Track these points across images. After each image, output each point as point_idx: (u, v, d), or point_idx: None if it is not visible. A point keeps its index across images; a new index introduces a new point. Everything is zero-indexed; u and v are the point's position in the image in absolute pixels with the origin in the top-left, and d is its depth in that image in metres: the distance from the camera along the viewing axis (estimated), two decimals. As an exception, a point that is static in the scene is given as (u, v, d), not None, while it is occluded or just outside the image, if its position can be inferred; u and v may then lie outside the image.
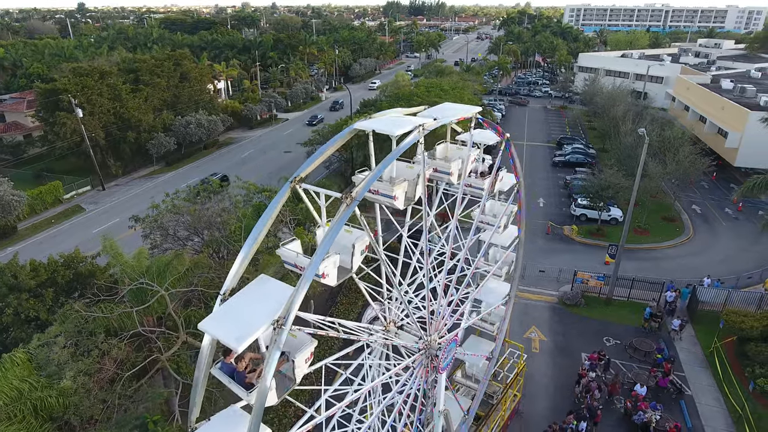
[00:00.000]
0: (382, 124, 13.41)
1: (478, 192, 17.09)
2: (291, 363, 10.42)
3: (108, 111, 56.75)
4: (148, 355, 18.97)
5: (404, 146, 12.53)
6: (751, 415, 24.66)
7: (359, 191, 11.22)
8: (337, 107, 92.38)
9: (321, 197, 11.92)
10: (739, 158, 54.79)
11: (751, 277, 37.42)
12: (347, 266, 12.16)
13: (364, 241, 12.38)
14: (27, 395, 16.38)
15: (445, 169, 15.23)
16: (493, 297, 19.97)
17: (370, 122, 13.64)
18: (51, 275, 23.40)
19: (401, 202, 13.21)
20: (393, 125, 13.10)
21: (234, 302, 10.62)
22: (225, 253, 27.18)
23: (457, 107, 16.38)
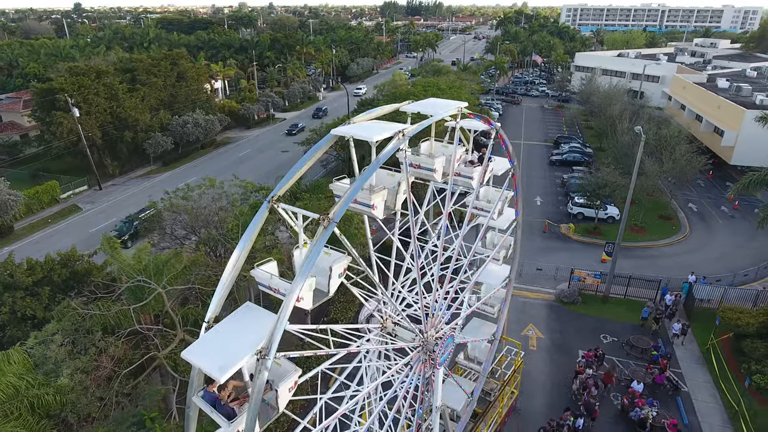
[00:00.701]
0: (361, 129, 13.04)
1: (467, 182, 16.64)
2: (274, 392, 10.37)
3: (105, 110, 56.62)
4: (146, 353, 18.96)
5: (385, 156, 12.09)
6: (746, 411, 24.76)
7: (336, 211, 10.78)
8: (320, 114, 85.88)
9: (298, 218, 11.49)
10: (735, 156, 55.02)
11: (747, 274, 37.57)
12: (324, 289, 11.79)
13: (342, 264, 12.00)
14: (24, 393, 16.37)
15: (429, 166, 14.79)
16: (493, 279, 19.89)
17: (348, 128, 13.27)
18: (47, 273, 23.34)
19: (380, 211, 12.89)
20: (372, 131, 12.68)
21: (218, 331, 10.62)
22: (222, 251, 27.15)
23: (443, 102, 16.02)
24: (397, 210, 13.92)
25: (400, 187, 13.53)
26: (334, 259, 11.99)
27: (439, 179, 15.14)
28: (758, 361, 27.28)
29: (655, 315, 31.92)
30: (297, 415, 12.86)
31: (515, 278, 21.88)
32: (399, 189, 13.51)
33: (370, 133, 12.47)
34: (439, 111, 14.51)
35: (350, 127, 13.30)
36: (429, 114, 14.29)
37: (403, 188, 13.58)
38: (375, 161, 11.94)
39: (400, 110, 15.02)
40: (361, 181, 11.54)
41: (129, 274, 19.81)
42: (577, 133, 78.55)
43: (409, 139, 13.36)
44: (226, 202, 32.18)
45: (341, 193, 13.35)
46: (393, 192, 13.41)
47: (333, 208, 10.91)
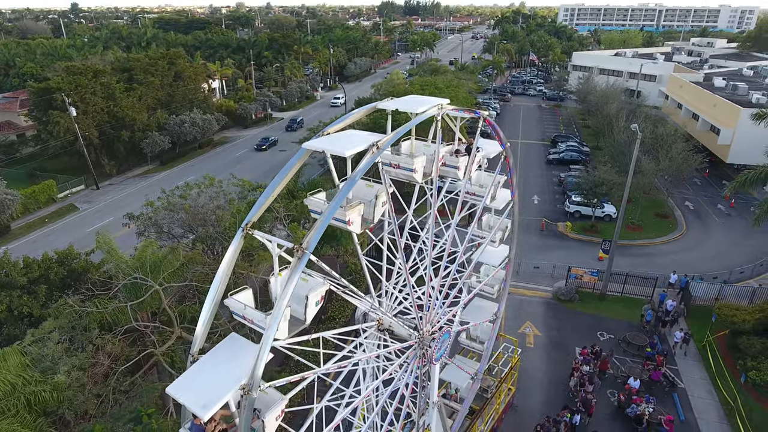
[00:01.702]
0: (333, 143, 12.51)
1: (453, 172, 16.05)
2: (261, 422, 10.41)
3: (102, 110, 56.56)
4: (143, 350, 18.97)
5: (360, 172, 11.72)
6: (742, 407, 24.89)
7: (310, 240, 10.51)
8: (295, 126, 78.47)
9: (273, 245, 11.09)
10: (731, 155, 55.21)
11: (743, 272, 37.71)
12: (300, 317, 11.52)
13: (319, 292, 11.74)
14: (21, 390, 16.38)
15: (408, 166, 14.16)
16: (492, 259, 19.78)
17: (321, 142, 12.72)
18: (44, 272, 23.33)
19: (357, 226, 12.51)
20: (344, 145, 12.15)
21: (202, 364, 10.67)
22: (219, 249, 27.16)
23: (423, 99, 15.44)
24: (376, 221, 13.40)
25: (378, 199, 13.02)
26: (311, 287, 11.69)
27: (420, 180, 14.58)
28: (754, 358, 27.41)
29: (657, 317, 31.58)
30: (293, 422, 12.81)
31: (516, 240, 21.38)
32: (377, 201, 13.01)
33: (342, 147, 11.99)
34: (418, 108, 13.91)
35: (323, 141, 12.78)
36: (408, 111, 13.86)
37: (381, 200, 13.13)
38: (349, 180, 11.52)
39: (380, 108, 14.62)
40: (335, 204, 11.21)
41: (126, 271, 19.81)
42: (574, 132, 78.71)
43: None
44: (224, 200, 32.21)
45: (316, 208, 12.93)
46: (371, 204, 12.90)
47: (306, 236, 10.70)
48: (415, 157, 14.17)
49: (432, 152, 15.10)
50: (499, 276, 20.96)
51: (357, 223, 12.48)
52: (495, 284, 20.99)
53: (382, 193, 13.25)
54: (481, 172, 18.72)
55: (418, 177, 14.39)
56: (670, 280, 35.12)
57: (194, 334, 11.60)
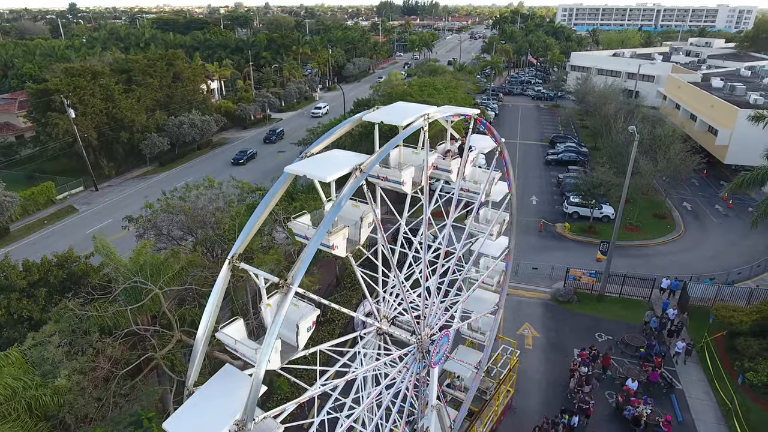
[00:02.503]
0: (316, 167, 12.16)
1: (444, 175, 15.69)
2: None
3: (100, 111, 56.56)
4: (143, 354, 19.03)
5: (345, 197, 11.52)
6: (739, 408, 25.03)
7: (295, 275, 10.46)
8: (274, 138, 73.65)
9: (260, 279, 11.15)
10: (728, 155, 55.35)
11: (740, 272, 37.85)
12: (292, 344, 11.57)
13: (311, 318, 11.66)
14: (21, 394, 16.42)
15: (396, 179, 13.77)
16: (492, 250, 19.77)
17: (303, 165, 12.36)
18: (44, 275, 23.37)
19: (342, 249, 12.30)
20: (326, 168, 11.85)
21: (197, 399, 10.77)
22: (219, 252, 27.22)
23: (409, 107, 14.96)
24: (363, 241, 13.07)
25: (363, 221, 12.78)
26: (302, 315, 11.64)
27: (409, 191, 14.26)
28: (751, 359, 27.56)
29: (662, 324, 31.19)
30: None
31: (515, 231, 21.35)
32: (363, 222, 12.77)
33: (324, 172, 11.69)
34: (404, 119, 13.47)
35: (305, 165, 12.44)
36: (394, 123, 13.50)
37: (368, 221, 12.91)
38: (334, 206, 11.37)
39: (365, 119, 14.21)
40: (319, 235, 11.05)
41: (126, 275, 19.87)
42: (572, 132, 78.85)
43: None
44: (223, 203, 32.24)
45: (299, 231, 12.72)
46: (356, 226, 12.67)
47: (292, 271, 10.61)
48: (403, 169, 13.81)
49: (422, 160, 14.77)
50: (499, 268, 20.95)
51: (342, 247, 12.30)
52: (495, 276, 20.97)
53: (369, 214, 12.98)
54: (476, 168, 18.54)
55: (407, 189, 14.08)
56: (662, 285, 34.88)
57: (188, 368, 11.72)
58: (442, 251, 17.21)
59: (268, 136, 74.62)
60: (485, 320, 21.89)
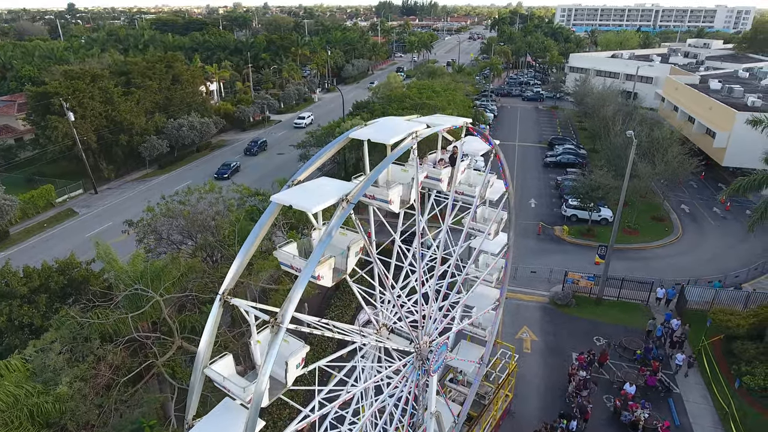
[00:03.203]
0: (301, 196, 12.01)
1: (435, 184, 15.48)
2: None
3: (100, 114, 56.61)
4: (144, 361, 19.14)
5: (333, 227, 11.32)
6: (736, 412, 25.21)
7: (284, 314, 10.43)
8: (255, 150, 68.64)
9: (250, 316, 11.11)
10: (726, 158, 55.56)
11: (738, 276, 38.02)
12: (281, 380, 11.48)
13: (300, 355, 11.61)
14: (23, 401, 16.52)
15: (383, 197, 13.44)
16: (491, 247, 19.80)
17: (289, 195, 12.17)
18: (45, 281, 23.45)
19: (328, 280, 12.20)
20: (312, 199, 11.69)
21: None
22: (218, 257, 27.33)
23: (397, 125, 14.49)
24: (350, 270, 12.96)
25: (351, 249, 12.63)
26: (291, 351, 11.54)
27: (396, 210, 13.95)
28: (748, 363, 27.74)
29: (666, 332, 31.06)
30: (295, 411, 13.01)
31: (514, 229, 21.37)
32: (350, 252, 12.61)
33: (310, 203, 11.52)
34: (392, 137, 13.21)
35: (291, 194, 12.20)
36: (381, 141, 13.21)
37: (355, 250, 12.76)
38: (321, 242, 11.18)
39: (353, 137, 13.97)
40: (307, 272, 10.89)
41: (126, 282, 19.98)
42: (571, 134, 79.02)
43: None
44: (223, 206, 32.35)
45: (285, 261, 12.51)
46: (343, 255, 12.53)
47: (281, 309, 10.56)
48: (390, 188, 13.48)
49: (411, 176, 14.44)
50: (498, 264, 21.02)
51: (328, 277, 12.17)
52: (495, 273, 21.00)
53: (357, 242, 12.80)
54: (471, 170, 18.44)
55: (395, 208, 13.76)
56: (657, 295, 34.48)
57: (186, 403, 11.89)
58: (439, 256, 17.21)
59: (249, 147, 69.44)
60: (486, 316, 21.95)
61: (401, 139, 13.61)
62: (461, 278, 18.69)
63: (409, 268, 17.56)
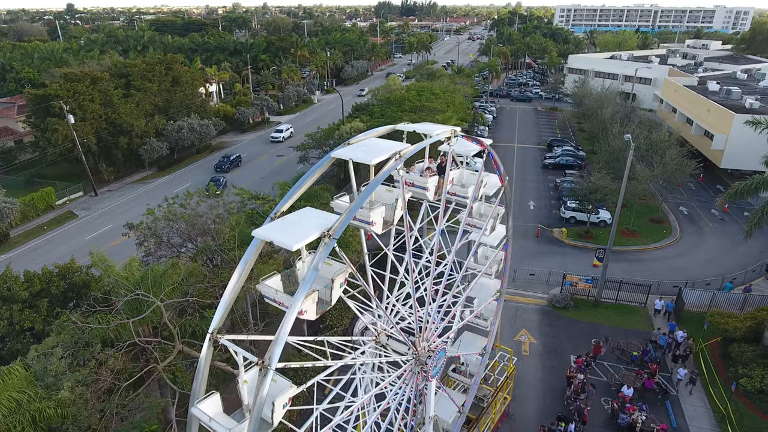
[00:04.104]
0: (280, 232, 11.83)
1: (421, 193, 15.19)
2: None
3: (100, 116, 56.71)
4: (145, 365, 19.28)
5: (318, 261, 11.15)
6: (733, 414, 25.37)
7: (272, 356, 10.40)
8: (227, 166, 61.50)
9: (239, 356, 11.12)
10: (724, 160, 55.74)
11: (735, 278, 38.20)
12: (267, 420, 11.43)
13: (288, 394, 11.64)
14: (26, 406, 16.68)
15: (365, 219, 13.19)
16: (491, 240, 19.75)
17: (269, 230, 12.00)
18: (46, 286, 23.60)
19: (312, 313, 11.94)
20: (292, 236, 11.50)
21: None
22: (219, 261, 27.48)
23: (380, 145, 14.12)
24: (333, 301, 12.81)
25: (335, 281, 12.46)
26: (279, 390, 11.54)
27: (379, 231, 13.67)
28: (745, 365, 27.86)
29: (669, 344, 30.42)
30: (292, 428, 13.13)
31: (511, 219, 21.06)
32: (334, 284, 12.44)
33: (291, 238, 11.36)
34: (374, 158, 12.91)
35: (271, 229, 12.05)
36: (364, 162, 12.99)
37: (339, 281, 12.58)
38: (303, 283, 11.00)
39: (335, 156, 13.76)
40: (292, 312, 10.75)
41: (127, 287, 20.13)
42: (570, 136, 79.20)
43: None
44: (223, 209, 32.48)
45: (268, 295, 12.33)
46: (327, 288, 12.42)
47: (269, 352, 10.54)
48: (372, 210, 13.14)
49: (395, 196, 14.13)
50: (498, 256, 20.99)
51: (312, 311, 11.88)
52: (494, 266, 20.88)
53: (341, 274, 12.56)
54: (463, 170, 18.34)
55: (377, 229, 13.52)
56: (656, 307, 33.90)
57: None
58: (433, 259, 17.16)
59: (220, 163, 62.41)
60: (488, 307, 21.91)
61: (385, 159, 13.27)
62: (460, 275, 18.61)
63: (404, 276, 17.52)
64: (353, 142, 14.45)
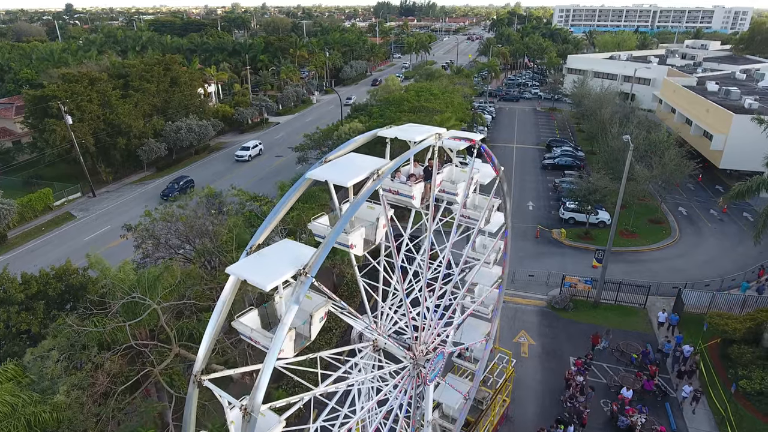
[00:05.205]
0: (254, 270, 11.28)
1: (405, 201, 14.54)
2: None
3: (98, 117, 56.56)
4: (141, 369, 19.15)
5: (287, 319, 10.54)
6: (732, 416, 25.28)
7: (254, 402, 10.06)
8: (175, 191, 52.48)
9: (223, 400, 10.82)
10: (723, 160, 55.68)
11: (735, 279, 38.13)
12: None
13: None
14: (20, 411, 16.54)
15: (344, 242, 12.56)
16: (491, 228, 19.39)
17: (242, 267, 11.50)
18: (42, 288, 23.47)
19: (290, 351, 11.34)
20: (266, 274, 10.93)
21: None
22: (216, 264, 27.35)
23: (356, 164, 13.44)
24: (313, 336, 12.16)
25: (313, 317, 11.76)
26: (268, 425, 11.17)
27: (361, 253, 13.19)
28: (744, 367, 27.77)
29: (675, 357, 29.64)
30: None
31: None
32: (313, 319, 11.75)
33: (264, 277, 10.75)
34: (350, 179, 12.29)
35: (244, 267, 11.48)
36: (339, 183, 12.36)
37: (318, 316, 11.90)
38: (280, 326, 10.43)
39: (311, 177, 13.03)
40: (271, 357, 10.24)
41: (123, 290, 20.00)
42: (569, 136, 79.13)
43: None
44: (220, 211, 32.38)
45: (244, 332, 11.77)
46: (306, 324, 11.83)
47: (251, 395, 10.21)
48: (350, 233, 12.52)
49: (377, 214, 13.62)
50: (498, 246, 20.75)
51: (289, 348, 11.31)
52: (494, 254, 20.58)
53: (321, 309, 12.00)
54: (453, 167, 17.77)
55: (358, 251, 12.99)
56: (659, 319, 32.98)
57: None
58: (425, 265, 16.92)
59: (169, 189, 54.23)
60: (490, 295, 21.53)
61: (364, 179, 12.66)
62: (458, 269, 18.33)
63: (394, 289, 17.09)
64: (331, 158, 13.77)
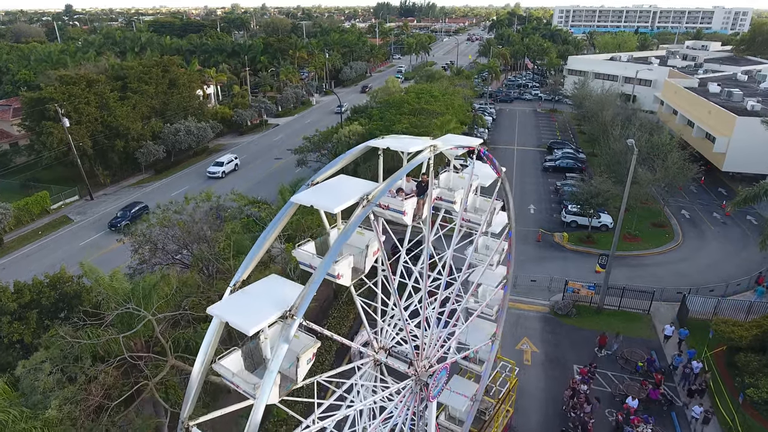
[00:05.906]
0: (237, 312, 10.76)
1: (396, 217, 13.89)
2: None
3: (95, 119, 56.08)
4: (136, 381, 18.66)
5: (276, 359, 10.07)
6: (740, 426, 24.81)
7: None
8: (123, 222, 46.30)
9: None
10: (726, 163, 55.22)
11: (739, 284, 37.65)
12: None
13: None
14: (10, 427, 16.06)
15: (332, 273, 12.07)
16: (494, 228, 19.03)
17: (224, 309, 10.95)
18: (36, 297, 22.96)
19: (275, 396, 10.94)
20: (248, 315, 10.48)
21: None
22: (213, 271, 26.87)
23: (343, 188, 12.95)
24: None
25: (300, 360, 11.24)
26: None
27: (348, 283, 12.70)
28: (751, 375, 27.28)
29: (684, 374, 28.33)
30: None
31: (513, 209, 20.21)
32: (300, 362, 11.21)
33: (246, 322, 10.17)
34: (337, 205, 11.78)
35: (228, 306, 10.99)
36: (326, 210, 11.97)
37: (306, 358, 11.32)
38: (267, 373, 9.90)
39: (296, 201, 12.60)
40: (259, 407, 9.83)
41: (117, 301, 19.52)
42: (570, 138, 78.67)
43: None
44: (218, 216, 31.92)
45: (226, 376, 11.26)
46: (293, 367, 11.35)
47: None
48: (338, 263, 12.06)
49: (366, 241, 13.25)
50: (501, 247, 20.13)
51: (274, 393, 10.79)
52: (497, 256, 19.97)
53: (308, 350, 11.40)
54: (450, 173, 17.38)
55: (345, 281, 12.53)
56: (666, 333, 31.72)
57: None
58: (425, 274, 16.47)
59: (115, 220, 47.38)
60: (495, 296, 21.16)
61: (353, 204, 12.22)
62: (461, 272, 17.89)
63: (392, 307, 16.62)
64: (319, 180, 13.22)
